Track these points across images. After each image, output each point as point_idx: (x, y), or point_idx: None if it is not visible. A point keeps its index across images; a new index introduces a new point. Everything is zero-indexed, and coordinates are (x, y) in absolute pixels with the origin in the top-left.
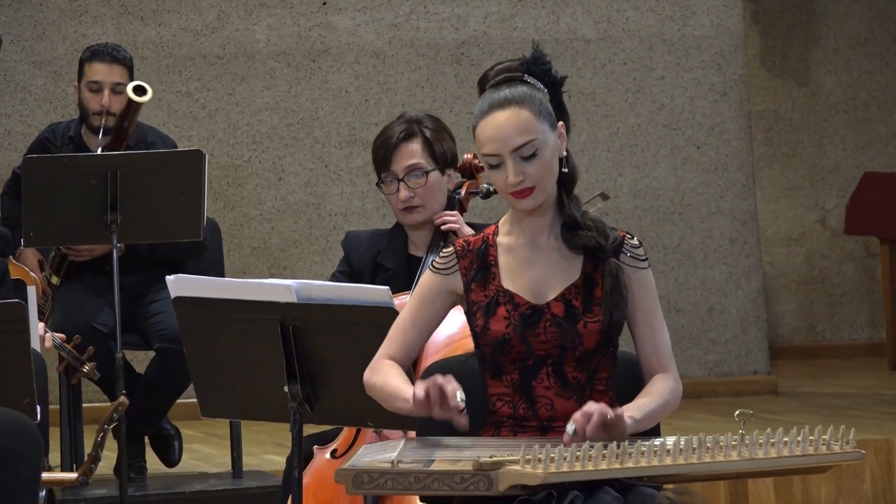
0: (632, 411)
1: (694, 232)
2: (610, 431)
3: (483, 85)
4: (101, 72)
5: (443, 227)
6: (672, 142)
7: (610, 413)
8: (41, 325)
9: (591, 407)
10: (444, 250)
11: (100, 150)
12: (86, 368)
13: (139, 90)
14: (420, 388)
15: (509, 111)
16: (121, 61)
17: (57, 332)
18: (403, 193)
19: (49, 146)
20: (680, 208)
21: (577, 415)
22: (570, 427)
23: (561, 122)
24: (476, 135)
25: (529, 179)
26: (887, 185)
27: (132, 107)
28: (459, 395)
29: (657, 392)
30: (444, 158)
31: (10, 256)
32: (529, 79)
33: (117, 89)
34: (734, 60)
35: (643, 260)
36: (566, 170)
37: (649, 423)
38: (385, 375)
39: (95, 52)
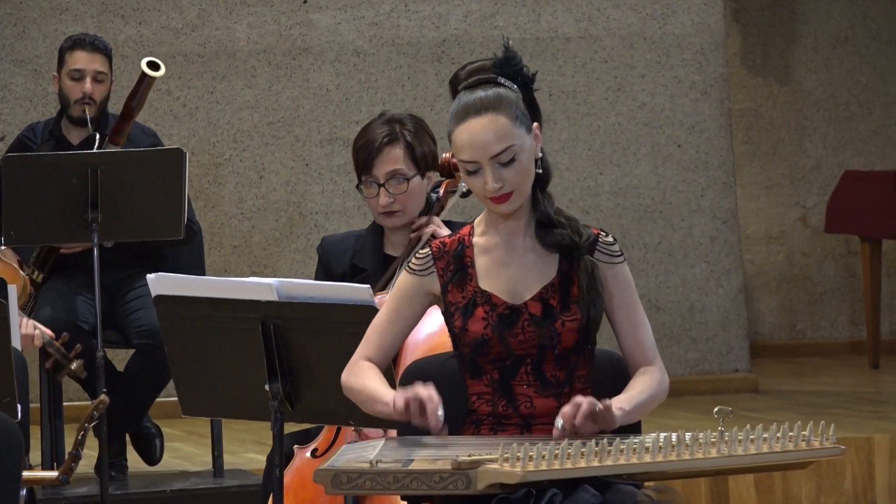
0: (620, 403)
1: (674, 230)
2: (599, 422)
3: (454, 86)
4: (82, 60)
5: (423, 236)
6: (653, 140)
7: (598, 405)
8: (31, 322)
9: (579, 399)
10: (420, 251)
11: (98, 136)
12: (73, 366)
13: (153, 65)
14: (400, 399)
15: (486, 118)
16: (102, 50)
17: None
18: (383, 199)
19: (30, 144)
20: (660, 206)
21: (566, 408)
22: (558, 421)
23: (536, 124)
24: (452, 140)
25: (508, 185)
26: (868, 184)
27: (144, 82)
28: (440, 413)
29: (644, 384)
30: (424, 162)
31: None
32: (503, 80)
33: (99, 77)
34: (715, 59)
35: (618, 255)
36: (541, 171)
37: (638, 415)
38: (363, 378)
39: (77, 41)
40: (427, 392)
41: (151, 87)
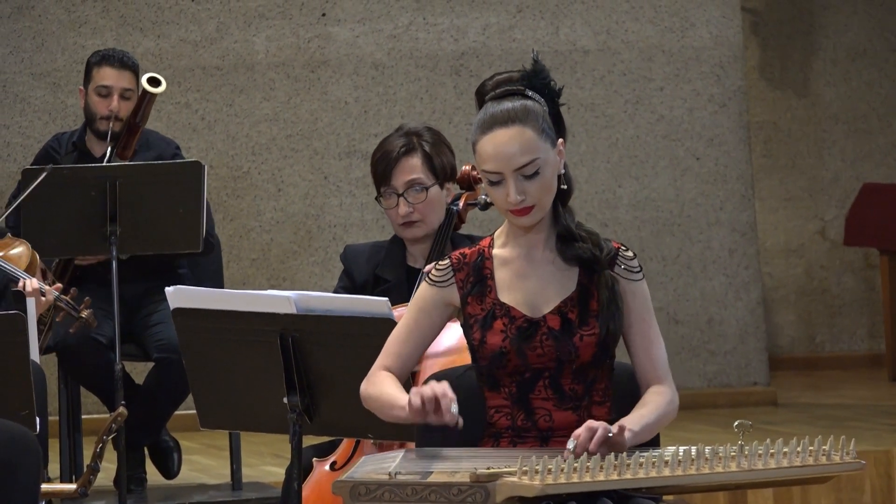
0: (630, 424)
1: (693, 243)
2: (611, 446)
3: (481, 96)
4: (110, 77)
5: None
6: (671, 153)
7: (612, 430)
8: (36, 280)
9: (593, 425)
10: (440, 262)
11: (109, 150)
12: (84, 314)
13: (153, 81)
14: (416, 397)
15: (513, 129)
16: (130, 67)
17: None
18: (403, 209)
19: (54, 155)
20: (679, 219)
21: (580, 431)
22: (570, 444)
23: (560, 140)
24: (477, 150)
25: (530, 198)
26: (887, 197)
27: (146, 98)
28: (454, 408)
29: (654, 404)
30: (443, 172)
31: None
32: (530, 93)
33: (126, 95)
34: (733, 71)
35: (637, 272)
36: (564, 186)
37: (647, 436)
38: (380, 386)
39: (105, 56)
40: (441, 388)
41: (153, 102)
